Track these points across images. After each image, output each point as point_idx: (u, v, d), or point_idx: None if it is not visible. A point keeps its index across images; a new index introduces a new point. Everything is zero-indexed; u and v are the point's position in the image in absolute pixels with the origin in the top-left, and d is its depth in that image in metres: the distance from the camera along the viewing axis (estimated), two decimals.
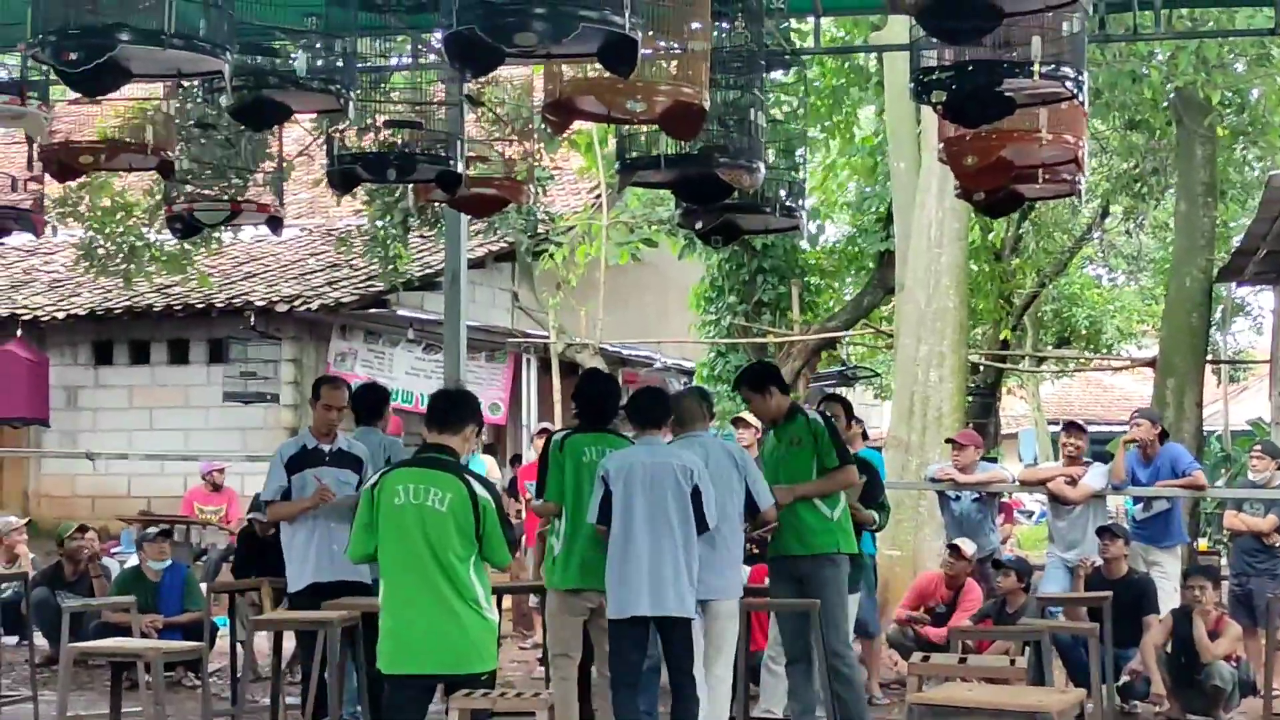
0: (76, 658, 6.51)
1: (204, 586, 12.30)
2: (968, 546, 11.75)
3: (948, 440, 12.97)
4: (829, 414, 9.53)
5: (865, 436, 12.10)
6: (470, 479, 6.56)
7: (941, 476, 12.38)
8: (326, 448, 9.03)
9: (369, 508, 6.57)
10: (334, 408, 9.30)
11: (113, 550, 16.01)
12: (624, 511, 7.88)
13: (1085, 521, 11.99)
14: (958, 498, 12.36)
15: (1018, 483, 13.22)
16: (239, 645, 10.36)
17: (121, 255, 15.68)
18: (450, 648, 6.43)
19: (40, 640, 12.13)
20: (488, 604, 6.58)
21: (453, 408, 6.79)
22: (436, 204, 12.89)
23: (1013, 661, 6.65)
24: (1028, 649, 7.93)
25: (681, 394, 9.34)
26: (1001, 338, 27.59)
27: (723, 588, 8.37)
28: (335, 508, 8.78)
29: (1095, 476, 11.99)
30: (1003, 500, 14.70)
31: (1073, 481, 11.96)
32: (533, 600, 12.89)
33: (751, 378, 9.24)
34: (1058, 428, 15.68)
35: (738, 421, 12.47)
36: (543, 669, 9.70)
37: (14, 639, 12.64)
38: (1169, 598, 11.45)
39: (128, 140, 8.65)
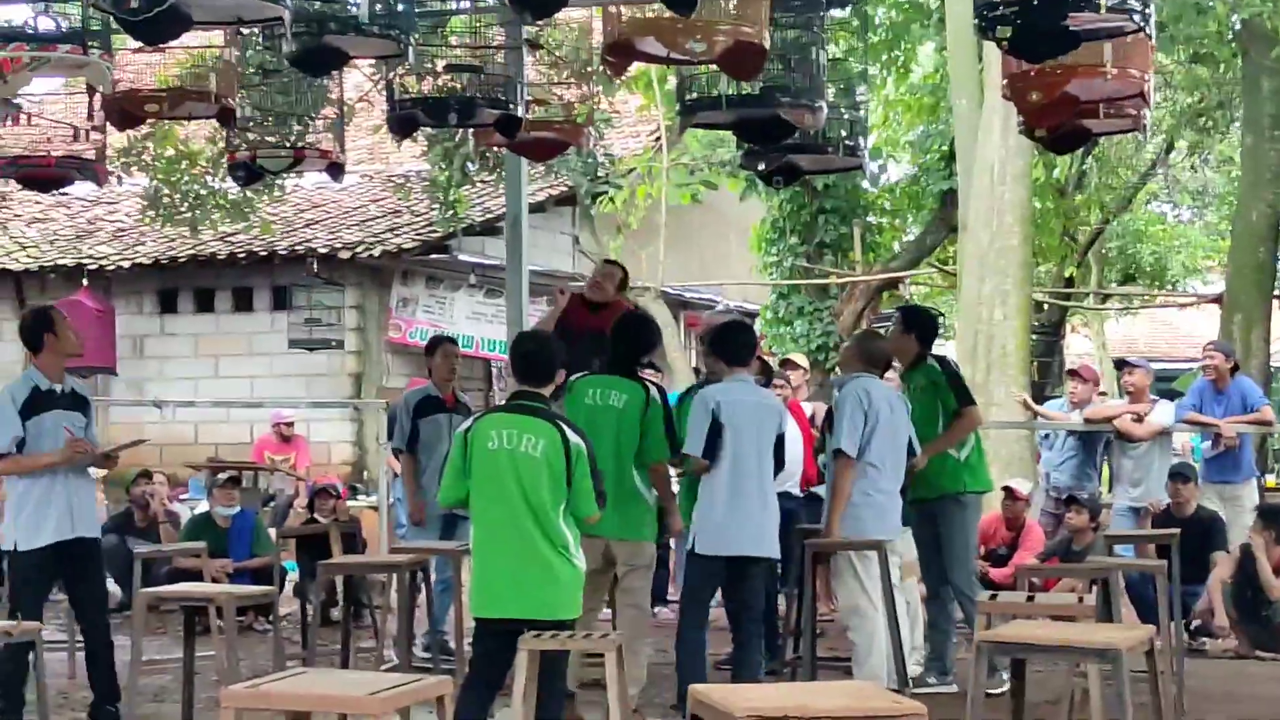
0: (149, 603, 6.57)
1: (272, 532, 12.42)
2: (1022, 487, 11.71)
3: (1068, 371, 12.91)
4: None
5: None
6: (564, 426, 6.54)
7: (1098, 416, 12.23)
8: (59, 389, 8.20)
9: (461, 452, 6.57)
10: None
11: (181, 497, 16.18)
12: (735, 449, 7.93)
13: (1151, 460, 11.93)
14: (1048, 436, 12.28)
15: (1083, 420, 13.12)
16: (309, 589, 10.47)
17: (186, 204, 15.76)
18: (539, 594, 6.44)
19: (112, 586, 12.27)
20: (576, 551, 6.58)
21: (542, 357, 6.77)
22: (496, 149, 12.89)
23: (1080, 599, 6.63)
24: (1095, 587, 7.89)
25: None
26: (1066, 275, 27.37)
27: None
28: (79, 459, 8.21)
29: (1162, 413, 11.92)
30: None
31: (1139, 419, 11.89)
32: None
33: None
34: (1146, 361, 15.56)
35: (786, 363, 12.48)
36: (609, 610, 9.73)
37: None
38: (1246, 532, 11.37)
39: (190, 88, 8.67)
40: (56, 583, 8.51)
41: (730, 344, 8.40)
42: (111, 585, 12.26)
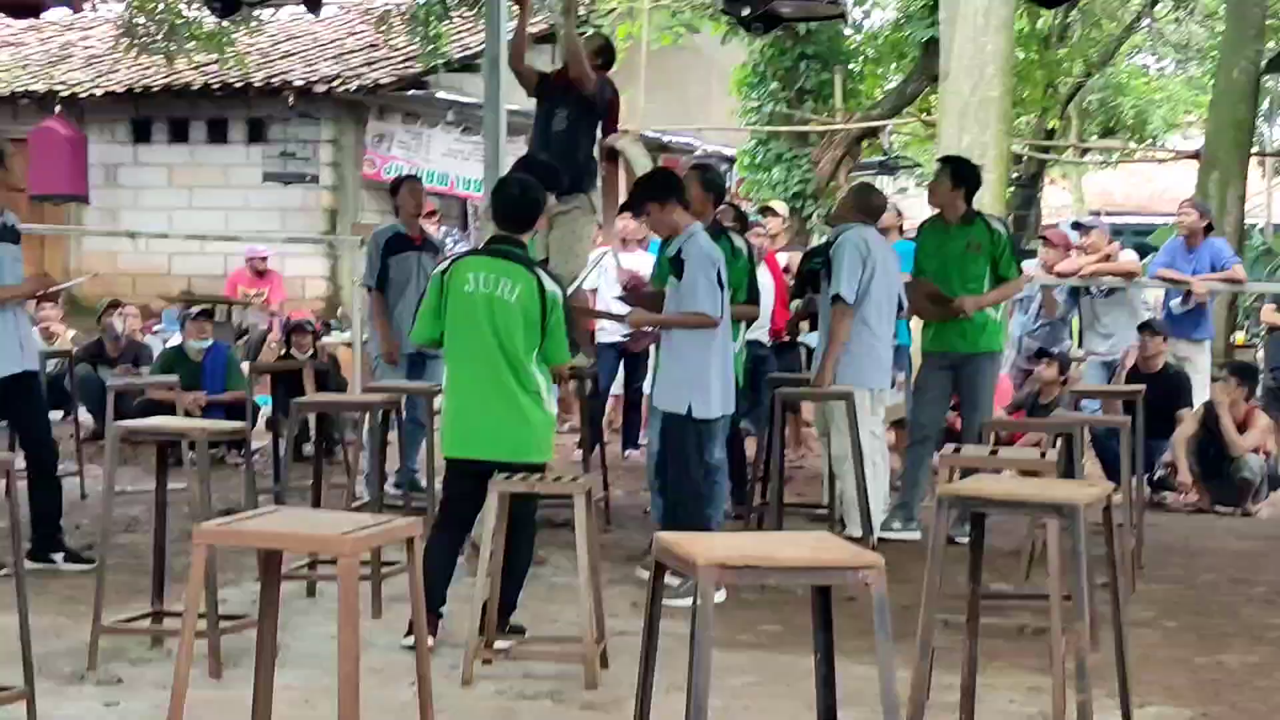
0: (122, 435, 6.61)
1: (245, 366, 12.45)
2: None
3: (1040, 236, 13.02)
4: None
5: (901, 230, 12.09)
6: (541, 273, 6.55)
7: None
8: (4, 221, 8.08)
9: (438, 293, 6.58)
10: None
11: (154, 328, 16.18)
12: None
13: (1120, 312, 12.01)
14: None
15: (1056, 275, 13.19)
16: (281, 424, 10.53)
17: (161, 33, 15.57)
18: (510, 436, 6.47)
19: (84, 416, 12.33)
20: (549, 396, 6.61)
21: (524, 203, 6.75)
22: None
23: (1043, 454, 6.71)
24: (1059, 441, 7.99)
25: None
26: (1047, 127, 27.27)
27: None
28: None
29: (1128, 253, 12.09)
30: None
31: (1107, 258, 12.01)
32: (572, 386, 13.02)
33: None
34: (1100, 218, 15.60)
35: (765, 210, 12.50)
36: (579, 453, 9.83)
37: (58, 414, 12.84)
38: (1199, 391, 11.52)
39: None
40: None
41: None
42: (84, 415, 12.35)
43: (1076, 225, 12.72)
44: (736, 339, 8.45)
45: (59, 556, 8.15)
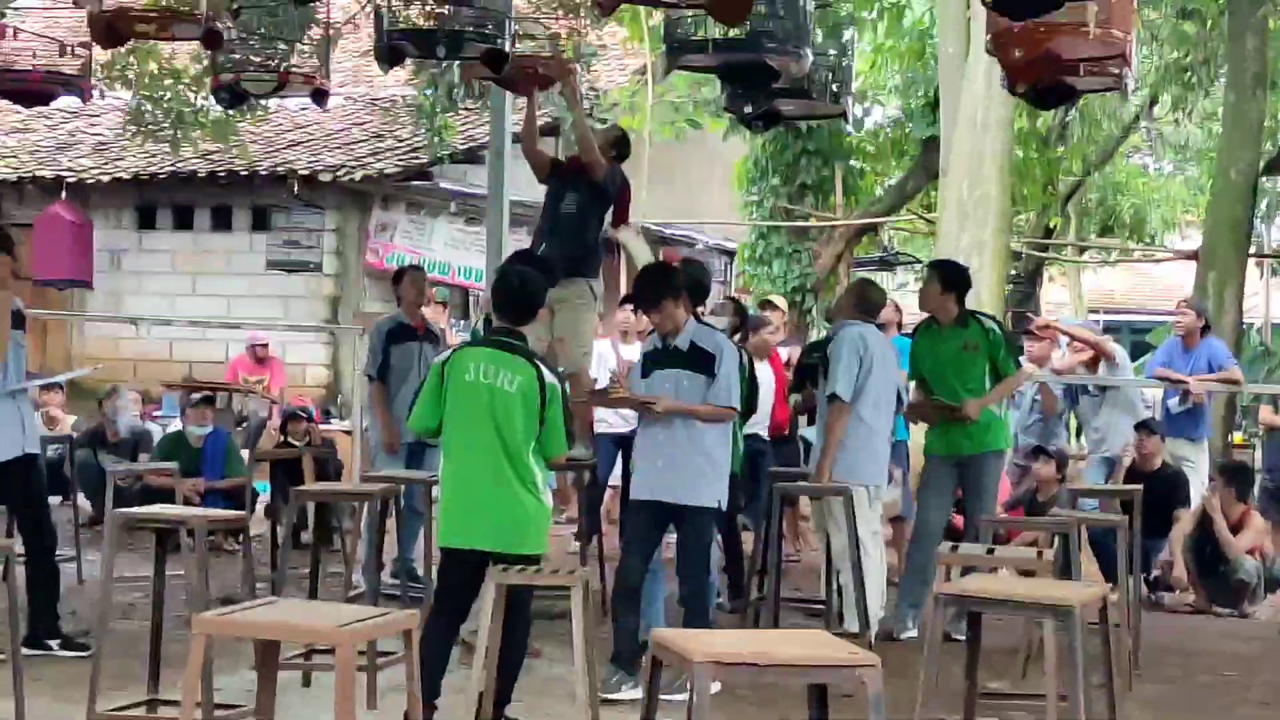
0: (121, 523, 6.63)
1: (245, 453, 12.47)
2: None
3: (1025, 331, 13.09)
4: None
5: (900, 326, 12.14)
6: (541, 365, 6.59)
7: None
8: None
9: (438, 381, 6.61)
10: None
11: (155, 414, 16.21)
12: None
13: (1112, 410, 12.04)
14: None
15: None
16: (280, 512, 10.53)
17: (168, 121, 15.71)
18: (506, 526, 6.49)
19: (83, 501, 12.34)
20: (545, 489, 6.65)
21: (524, 294, 6.79)
22: (481, 80, 12.86)
23: (1040, 554, 6.73)
24: (1057, 540, 8.01)
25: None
26: (1046, 225, 27.41)
27: None
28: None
29: (1116, 345, 12.23)
30: None
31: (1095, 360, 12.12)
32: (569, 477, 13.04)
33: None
34: (1099, 317, 15.70)
35: (765, 304, 12.54)
36: (577, 544, 9.83)
37: (57, 499, 12.83)
38: (1197, 491, 11.52)
39: (180, 8, 8.65)
40: None
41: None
42: (83, 501, 12.35)
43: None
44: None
45: (55, 643, 8.15)
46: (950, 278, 9.60)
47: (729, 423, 7.84)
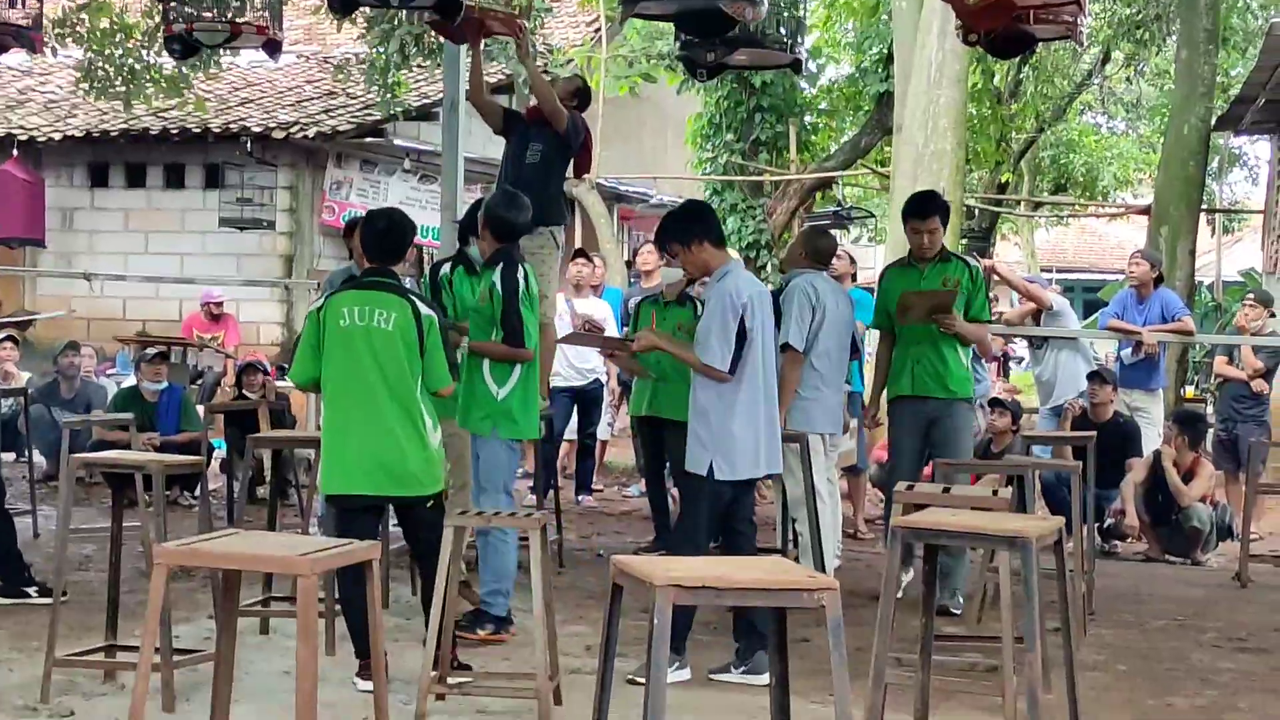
0: (79, 467, 6.61)
1: (200, 409, 12.43)
2: None
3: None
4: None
5: (855, 278, 12.17)
6: (415, 299, 6.58)
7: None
8: None
9: (315, 331, 6.56)
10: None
11: (109, 371, 16.13)
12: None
13: (1057, 361, 12.12)
14: None
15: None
16: (236, 466, 10.53)
17: (120, 78, 15.59)
18: (392, 469, 6.46)
19: (38, 457, 12.29)
20: (435, 425, 6.61)
21: (393, 235, 6.77)
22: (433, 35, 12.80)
23: (995, 491, 6.78)
24: (1011, 484, 8.05)
25: None
26: (999, 182, 27.52)
27: None
28: None
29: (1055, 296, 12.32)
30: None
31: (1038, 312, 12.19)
32: None
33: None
34: (1051, 275, 15.80)
35: None
36: (533, 495, 9.84)
37: (11, 455, 12.80)
38: (1152, 441, 11.62)
39: None
40: None
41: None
42: (39, 457, 12.31)
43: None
44: None
45: (33, 590, 8.12)
46: (945, 212, 9.08)
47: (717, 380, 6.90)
